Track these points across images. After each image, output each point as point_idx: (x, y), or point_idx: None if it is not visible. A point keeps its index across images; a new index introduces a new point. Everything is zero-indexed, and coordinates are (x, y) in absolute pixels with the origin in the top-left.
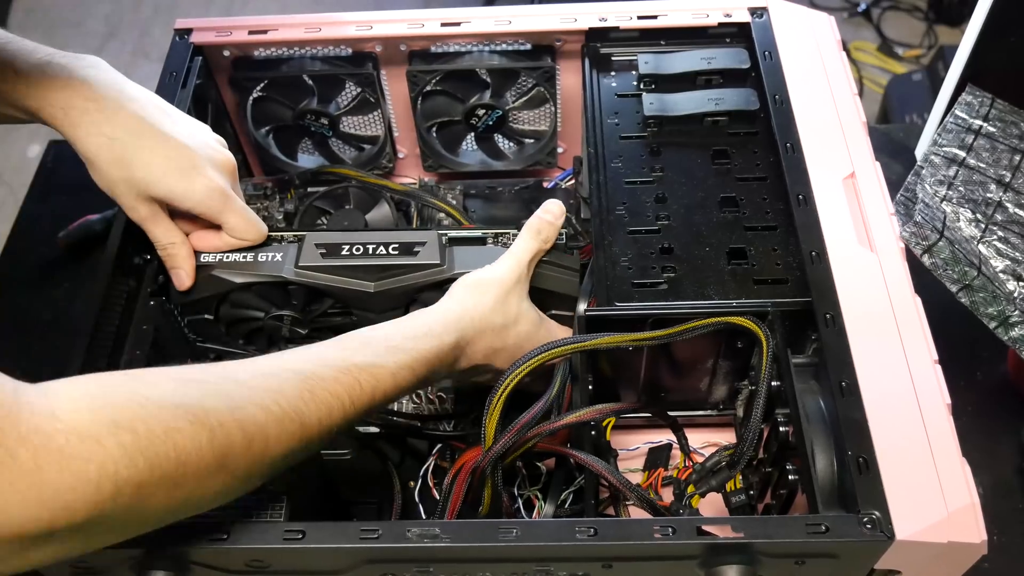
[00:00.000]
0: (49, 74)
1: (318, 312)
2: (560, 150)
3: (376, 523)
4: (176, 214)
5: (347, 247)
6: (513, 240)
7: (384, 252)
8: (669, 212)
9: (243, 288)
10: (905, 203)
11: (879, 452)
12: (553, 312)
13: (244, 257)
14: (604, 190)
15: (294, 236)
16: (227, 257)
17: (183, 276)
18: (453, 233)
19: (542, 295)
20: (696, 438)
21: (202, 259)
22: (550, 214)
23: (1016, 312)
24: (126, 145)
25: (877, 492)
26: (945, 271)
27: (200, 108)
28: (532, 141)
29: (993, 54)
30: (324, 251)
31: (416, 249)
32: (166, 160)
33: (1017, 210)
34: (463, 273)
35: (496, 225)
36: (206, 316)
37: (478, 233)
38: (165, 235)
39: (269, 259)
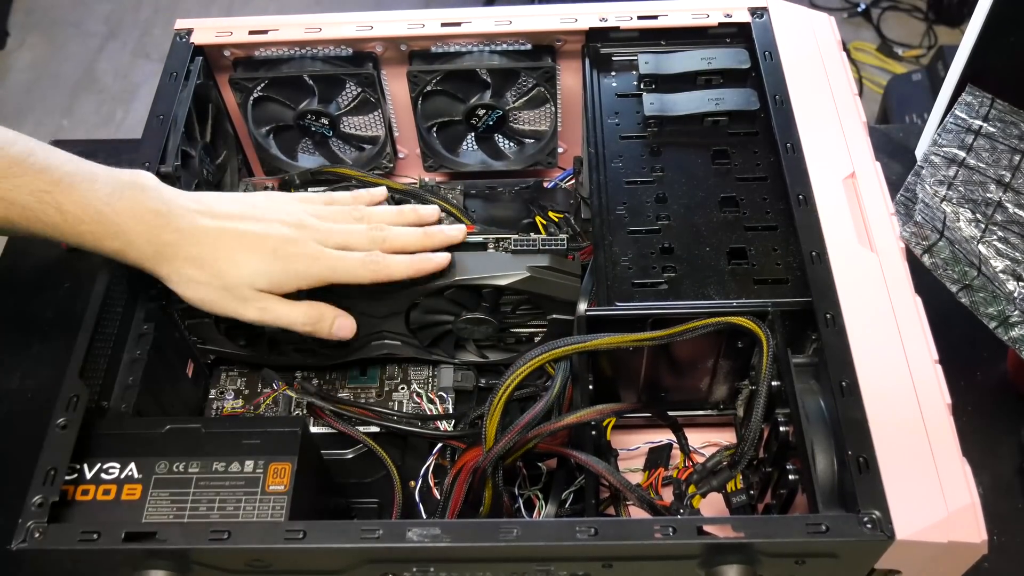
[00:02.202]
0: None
1: None
2: (560, 150)
3: (376, 523)
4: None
5: None
6: (514, 245)
7: None
8: (669, 212)
9: None
10: (905, 203)
11: (879, 452)
12: (553, 316)
13: None
14: (604, 190)
15: None
16: None
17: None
18: None
19: (543, 300)
20: (696, 438)
21: None
22: None
23: (1016, 312)
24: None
25: (877, 492)
26: (945, 271)
27: (200, 108)
28: (532, 141)
29: (993, 54)
30: None
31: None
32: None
33: (1017, 210)
34: (464, 279)
35: (496, 225)
36: (206, 320)
37: (479, 238)
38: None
39: None
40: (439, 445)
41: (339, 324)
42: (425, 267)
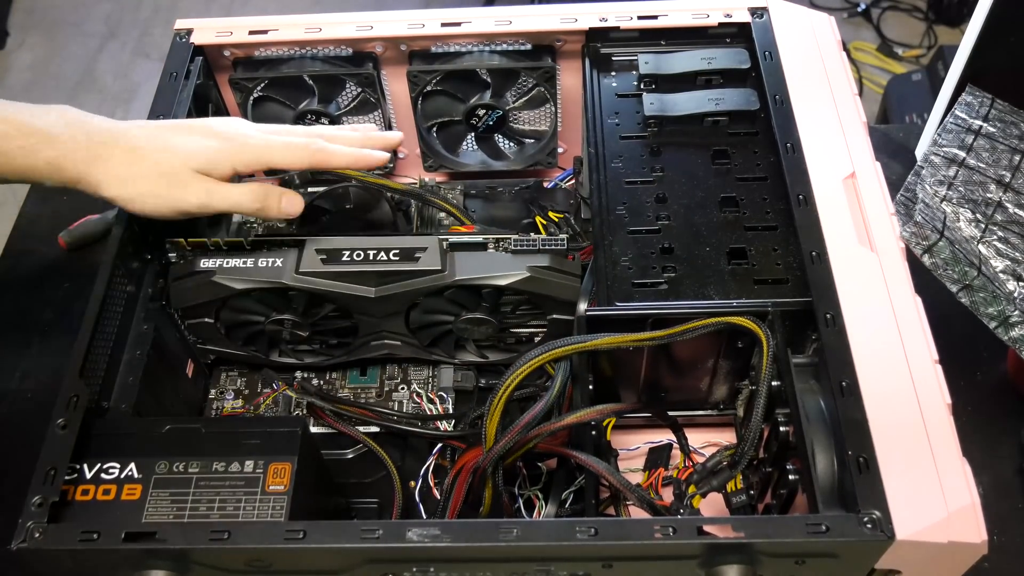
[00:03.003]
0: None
1: (318, 316)
2: (560, 150)
3: (376, 523)
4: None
5: (347, 253)
6: (514, 245)
7: (385, 258)
8: (669, 212)
9: (243, 294)
10: (905, 203)
11: (879, 452)
12: (554, 316)
13: (244, 263)
14: (604, 190)
15: (294, 241)
16: (227, 263)
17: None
18: (454, 238)
19: (543, 300)
20: (696, 438)
21: (202, 264)
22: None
23: (1016, 312)
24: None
25: (877, 492)
26: (945, 271)
27: (200, 108)
28: (532, 141)
29: (993, 54)
30: (324, 257)
31: (417, 255)
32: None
33: (1017, 210)
34: (464, 279)
35: (496, 225)
36: (206, 320)
37: (479, 238)
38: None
39: (269, 265)
40: (439, 445)
41: (287, 200)
42: (367, 160)
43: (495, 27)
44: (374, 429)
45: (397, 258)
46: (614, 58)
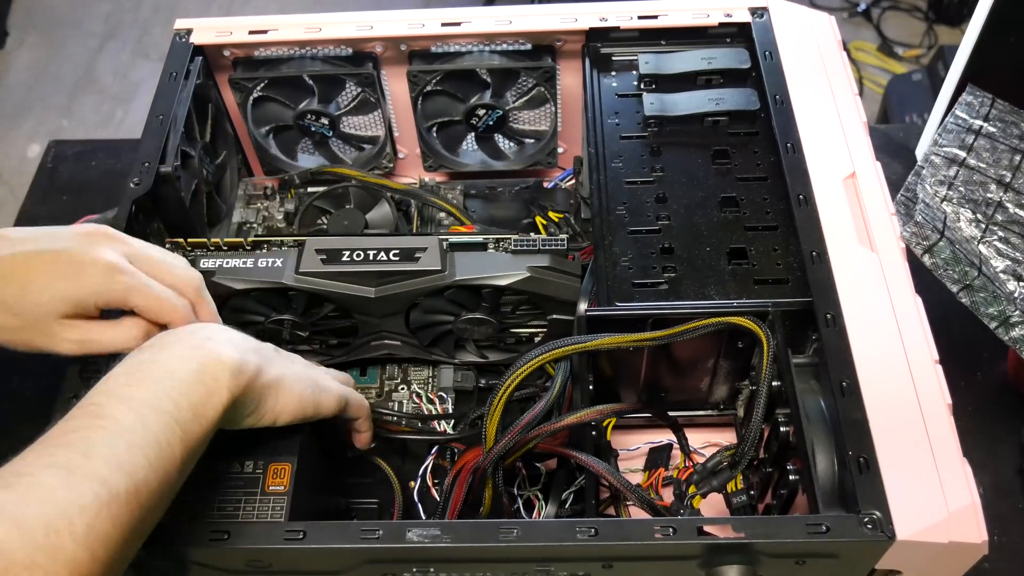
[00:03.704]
0: None
1: (318, 316)
2: (560, 150)
3: (376, 523)
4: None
5: (347, 253)
6: (514, 245)
7: (385, 258)
8: (669, 212)
9: (243, 294)
10: (906, 203)
11: (879, 452)
12: (554, 316)
13: (244, 263)
14: (604, 190)
15: (294, 241)
16: (227, 263)
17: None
18: (454, 238)
19: (543, 301)
20: (697, 438)
21: (202, 265)
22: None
23: (1016, 312)
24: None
25: (878, 492)
26: (946, 271)
27: (200, 108)
28: (532, 141)
29: (993, 54)
30: (324, 257)
31: (417, 255)
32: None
33: (1017, 210)
34: (464, 279)
35: (496, 225)
36: None
37: (479, 238)
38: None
39: (269, 265)
40: (436, 447)
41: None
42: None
43: (495, 27)
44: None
45: (397, 258)
46: (614, 58)
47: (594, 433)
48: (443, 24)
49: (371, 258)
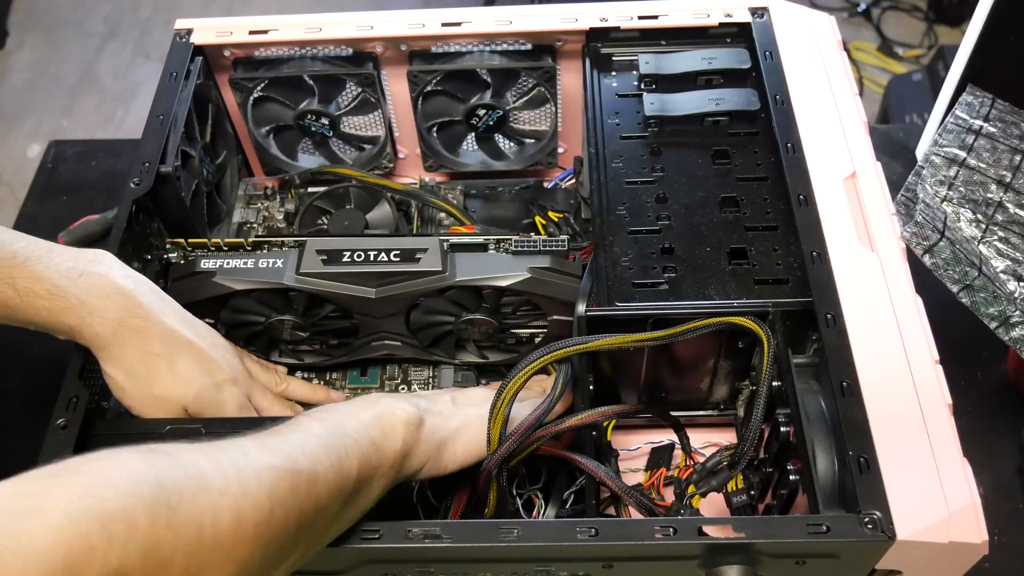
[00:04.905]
0: (81, 285)
1: (319, 316)
2: (560, 150)
3: (377, 523)
4: None
5: (348, 254)
6: (514, 246)
7: (385, 259)
8: (670, 212)
9: (243, 294)
10: (906, 203)
11: (880, 452)
12: (554, 317)
13: (244, 264)
14: (605, 190)
15: (295, 241)
16: (227, 263)
17: None
18: (455, 239)
19: (544, 301)
20: (697, 438)
21: (202, 265)
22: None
23: (1017, 312)
24: (162, 359)
25: (878, 492)
26: (946, 271)
27: (200, 108)
28: (532, 141)
29: (993, 54)
30: (325, 258)
31: (418, 256)
32: (200, 374)
33: (1018, 210)
34: (465, 280)
35: (496, 225)
36: (206, 320)
37: (480, 239)
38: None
39: (270, 266)
40: None
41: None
42: None
43: (495, 27)
44: None
45: (398, 259)
46: (614, 58)
47: (594, 433)
48: (443, 24)
49: (372, 259)
